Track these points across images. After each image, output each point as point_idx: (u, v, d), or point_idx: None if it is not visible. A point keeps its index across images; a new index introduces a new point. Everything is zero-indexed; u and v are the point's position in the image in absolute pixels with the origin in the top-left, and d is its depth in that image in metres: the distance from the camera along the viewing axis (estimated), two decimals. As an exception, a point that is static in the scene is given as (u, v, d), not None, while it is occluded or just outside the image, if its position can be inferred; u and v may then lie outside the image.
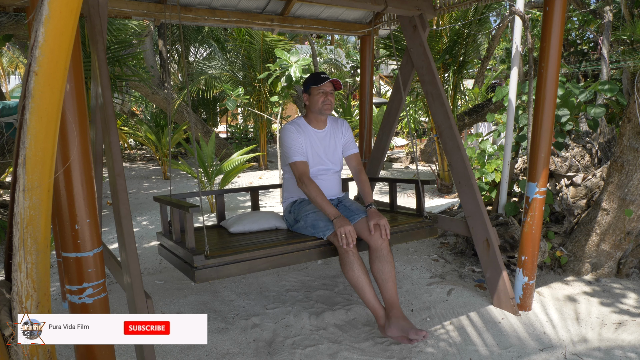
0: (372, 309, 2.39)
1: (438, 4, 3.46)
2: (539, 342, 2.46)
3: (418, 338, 2.27)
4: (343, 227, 2.36)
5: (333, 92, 2.73)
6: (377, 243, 2.44)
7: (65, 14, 1.09)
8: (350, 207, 2.70)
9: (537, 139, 2.64)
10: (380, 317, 2.39)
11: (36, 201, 1.21)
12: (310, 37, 8.46)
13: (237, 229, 2.79)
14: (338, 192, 2.89)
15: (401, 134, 12.28)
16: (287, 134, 2.69)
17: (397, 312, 2.35)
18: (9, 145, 4.05)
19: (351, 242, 2.36)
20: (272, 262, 2.38)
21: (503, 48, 12.24)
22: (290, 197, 2.86)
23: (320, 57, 16.14)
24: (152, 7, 2.94)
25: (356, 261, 2.36)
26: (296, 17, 3.62)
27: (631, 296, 3.00)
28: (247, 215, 2.95)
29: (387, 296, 2.39)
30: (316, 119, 2.80)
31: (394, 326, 2.33)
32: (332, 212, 2.46)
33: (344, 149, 2.92)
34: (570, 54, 9.28)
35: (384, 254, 2.43)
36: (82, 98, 1.59)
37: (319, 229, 2.51)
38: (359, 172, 2.86)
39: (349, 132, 2.93)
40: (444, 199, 5.99)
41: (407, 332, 2.29)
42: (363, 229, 2.50)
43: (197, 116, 10.46)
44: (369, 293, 2.36)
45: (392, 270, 2.42)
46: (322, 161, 2.79)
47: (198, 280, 2.18)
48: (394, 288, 2.40)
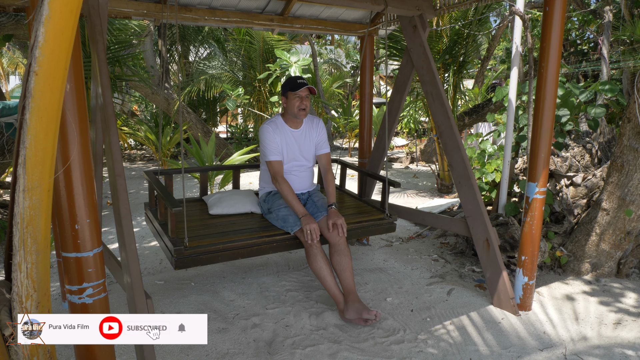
0: (333, 295, 2.70)
1: (438, 4, 3.45)
2: (539, 342, 2.46)
3: (370, 317, 2.59)
4: (309, 224, 2.67)
5: (309, 97, 2.90)
6: (335, 239, 2.76)
7: (65, 14, 1.09)
8: (317, 204, 2.95)
9: (537, 139, 2.64)
10: (339, 302, 2.70)
11: (36, 201, 1.21)
12: (310, 37, 8.46)
13: (216, 211, 3.05)
14: (309, 186, 3.14)
15: (401, 134, 12.28)
16: (264, 134, 2.88)
17: (354, 297, 2.68)
18: (9, 145, 4.05)
19: (315, 238, 2.66)
20: (244, 253, 2.64)
21: (503, 48, 12.24)
22: (266, 187, 3.10)
23: (320, 57, 16.14)
24: (152, 7, 2.94)
25: (319, 254, 2.69)
26: (296, 17, 3.62)
27: (631, 296, 3.00)
28: (227, 196, 3.18)
29: (345, 284, 2.72)
30: (292, 120, 2.96)
31: (351, 309, 2.64)
32: (300, 211, 2.75)
33: (316, 147, 3.09)
34: (570, 54, 9.28)
35: (341, 248, 2.75)
36: (82, 98, 1.59)
37: (288, 223, 2.77)
38: (327, 171, 3.08)
39: (323, 131, 3.09)
40: (444, 199, 5.98)
41: (360, 313, 2.61)
42: (324, 226, 2.80)
43: (197, 116, 10.46)
44: (330, 281, 2.69)
45: (349, 262, 2.75)
46: (296, 157, 2.99)
47: (177, 267, 2.42)
48: (351, 277, 2.73)
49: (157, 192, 2.82)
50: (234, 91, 5.22)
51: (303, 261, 3.70)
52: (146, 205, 3.21)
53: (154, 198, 3.15)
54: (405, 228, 4.66)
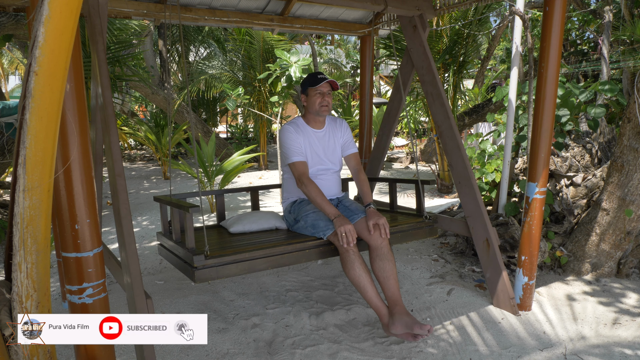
0: (375, 307, 2.37)
1: (438, 4, 3.46)
2: (538, 342, 2.46)
3: (423, 333, 2.22)
4: (343, 226, 2.36)
5: (330, 93, 2.72)
6: (377, 242, 2.44)
7: (65, 14, 1.09)
8: (350, 207, 2.71)
9: (537, 139, 2.64)
10: (383, 315, 2.36)
11: (36, 201, 1.21)
12: (310, 37, 8.46)
13: (237, 229, 2.79)
14: (338, 192, 2.89)
15: (401, 134, 12.27)
16: (285, 135, 2.70)
17: (401, 309, 2.33)
18: (9, 145, 4.05)
19: (351, 241, 2.36)
20: (271, 262, 2.37)
21: (503, 48, 12.24)
22: (290, 197, 2.86)
23: (320, 57, 16.14)
24: (152, 7, 2.94)
25: (357, 260, 2.36)
26: (296, 17, 3.62)
27: (631, 296, 3.00)
28: (247, 215, 2.95)
29: (389, 294, 2.38)
30: (314, 119, 2.79)
31: (398, 323, 2.29)
32: (332, 212, 2.47)
33: (343, 149, 2.91)
34: (570, 54, 9.28)
35: (384, 252, 2.43)
36: (82, 98, 1.59)
37: (319, 228, 2.51)
38: (358, 171, 2.86)
39: (348, 131, 2.93)
40: (444, 199, 5.99)
41: (411, 328, 2.25)
42: (363, 228, 2.50)
43: (197, 116, 10.46)
44: (371, 291, 2.35)
45: (393, 268, 2.41)
46: (321, 161, 2.79)
47: (198, 280, 2.18)
48: (396, 285, 2.39)
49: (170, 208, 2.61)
50: (234, 91, 5.21)
51: (303, 261, 3.69)
52: (159, 235, 2.86)
53: (167, 223, 2.82)
54: (405, 228, 4.65)
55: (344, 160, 2.96)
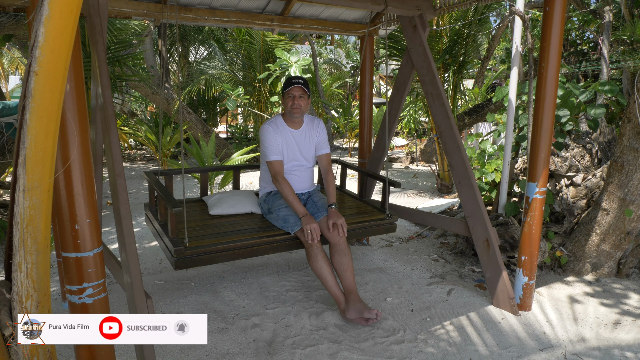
0: (334, 295, 2.69)
1: (438, 4, 3.45)
2: (538, 342, 2.46)
3: (371, 317, 2.58)
4: (309, 224, 2.66)
5: (303, 96, 2.87)
6: (335, 239, 2.76)
7: (65, 14, 1.09)
8: (317, 204, 2.96)
9: (537, 139, 2.64)
10: (340, 302, 2.69)
11: (36, 201, 1.21)
12: (310, 37, 8.46)
13: (217, 212, 3.04)
14: (309, 186, 3.14)
15: (401, 134, 12.27)
16: (264, 134, 2.89)
17: (354, 297, 2.67)
18: (9, 145, 4.05)
19: (315, 238, 2.65)
20: (245, 253, 2.64)
21: (503, 48, 12.24)
22: (266, 187, 3.10)
23: (320, 57, 16.14)
24: (152, 7, 2.94)
25: (320, 254, 2.68)
26: (296, 17, 3.62)
27: (631, 296, 3.00)
28: (227, 197, 3.17)
29: (346, 284, 2.72)
30: (291, 120, 2.96)
31: (352, 309, 2.63)
32: (300, 211, 2.75)
33: (316, 148, 3.08)
34: (570, 54, 9.28)
35: (342, 248, 2.75)
36: (82, 98, 1.59)
37: (288, 223, 2.77)
38: (327, 172, 3.08)
39: (323, 132, 3.09)
40: (444, 199, 5.98)
41: (362, 313, 2.59)
42: (324, 226, 2.80)
43: (197, 116, 10.46)
44: (331, 281, 2.68)
45: (349, 261, 2.74)
46: (296, 157, 2.99)
47: (177, 268, 2.42)
48: (352, 277, 2.73)
49: (157, 193, 2.82)
50: (234, 91, 5.22)
51: (303, 261, 3.70)
52: (146, 206, 3.22)
53: (154, 198, 3.16)
54: (405, 228, 4.65)
55: (317, 159, 3.13)
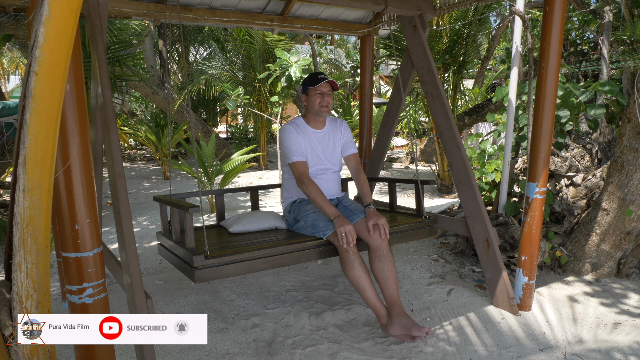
0: (374, 307, 2.37)
1: (438, 4, 3.45)
2: (538, 343, 2.46)
3: (421, 335, 2.23)
4: (343, 226, 2.37)
5: (331, 93, 2.73)
6: (376, 242, 2.44)
7: (65, 14, 1.09)
8: (350, 207, 2.71)
9: (537, 139, 2.64)
10: (382, 316, 2.37)
11: (36, 201, 1.21)
12: (310, 37, 8.46)
13: (237, 229, 2.79)
14: (337, 192, 2.89)
15: (401, 134, 12.27)
16: (286, 135, 2.70)
17: (399, 310, 2.33)
18: (9, 145, 4.05)
19: (351, 242, 2.36)
20: (271, 262, 2.37)
21: (503, 48, 12.24)
22: (289, 197, 2.87)
23: (320, 57, 16.13)
24: (152, 7, 2.94)
25: (357, 260, 2.36)
26: (296, 17, 3.62)
27: (631, 296, 3.00)
28: (247, 215, 2.95)
29: (388, 295, 2.38)
30: (314, 120, 2.80)
31: (396, 324, 2.29)
32: (332, 212, 2.47)
33: (342, 149, 2.92)
34: (570, 54, 9.28)
35: (383, 253, 2.43)
36: (82, 98, 1.59)
37: (319, 228, 2.51)
38: (358, 172, 2.87)
39: (348, 132, 2.94)
40: (444, 199, 5.99)
41: (409, 330, 2.25)
42: (362, 228, 2.50)
43: (197, 116, 10.47)
44: (370, 292, 2.36)
45: (392, 269, 2.42)
46: (321, 161, 2.80)
47: (198, 280, 2.18)
48: (395, 286, 2.39)
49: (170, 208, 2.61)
50: (233, 91, 5.21)
51: (303, 261, 3.69)
52: (159, 235, 2.88)
53: (167, 223, 2.84)
54: (405, 228, 4.65)
55: (344, 161, 2.97)
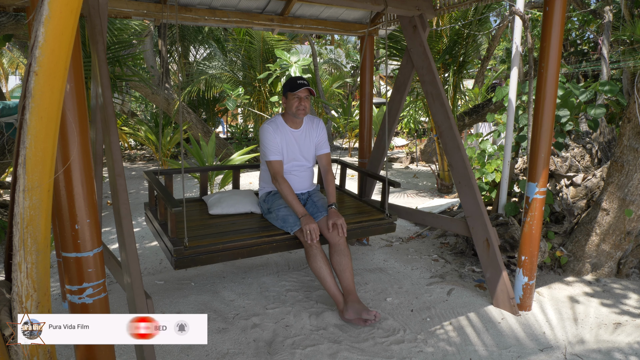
0: (333, 295, 2.70)
1: (438, 4, 3.45)
2: (538, 343, 2.46)
3: (370, 317, 2.58)
4: (308, 224, 2.67)
5: (309, 98, 2.90)
6: (335, 239, 2.76)
7: (65, 14, 1.09)
8: (317, 204, 2.95)
9: (537, 139, 2.64)
10: (339, 302, 2.69)
11: (36, 201, 1.21)
12: (310, 37, 8.46)
13: (216, 211, 3.05)
14: (309, 186, 3.14)
15: (401, 134, 12.27)
16: (264, 134, 2.89)
17: (353, 297, 2.68)
18: (9, 145, 4.05)
19: (315, 238, 2.66)
20: (243, 253, 2.64)
21: (503, 48, 12.25)
22: (265, 187, 3.10)
23: (320, 57, 16.14)
24: (152, 7, 2.94)
25: (319, 254, 2.69)
26: (296, 17, 3.62)
27: (631, 296, 3.00)
28: (227, 196, 3.18)
29: (345, 284, 2.72)
30: (292, 120, 2.97)
31: (351, 309, 2.63)
32: (300, 211, 2.75)
33: (316, 148, 3.09)
34: (570, 54, 9.28)
35: (341, 248, 2.75)
36: (82, 98, 1.59)
37: (288, 223, 2.77)
38: (327, 172, 3.08)
39: (323, 131, 3.10)
40: (444, 199, 5.98)
41: (360, 314, 2.60)
42: (324, 226, 2.80)
43: (197, 116, 10.46)
44: (330, 281, 2.69)
45: (349, 262, 2.75)
46: (296, 157, 2.99)
47: (177, 267, 2.43)
48: (351, 277, 2.73)
49: (157, 192, 2.83)
50: (234, 91, 5.21)
51: (303, 261, 3.70)
52: (146, 205, 3.22)
53: (154, 198, 3.16)
54: (405, 228, 4.65)
55: (316, 159, 3.14)
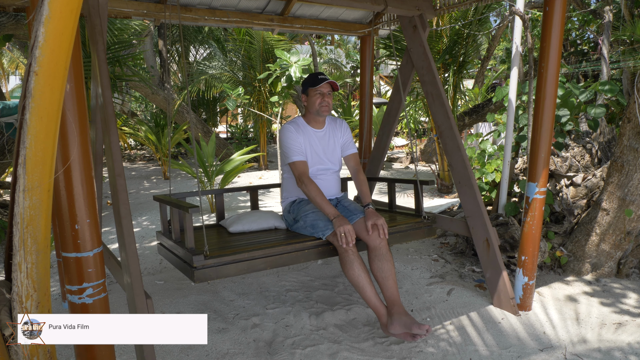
0: (374, 307, 2.37)
1: (438, 4, 3.45)
2: (538, 343, 2.46)
3: (422, 333, 2.22)
4: (342, 226, 2.36)
5: (331, 93, 2.73)
6: (375, 242, 2.45)
7: (65, 14, 1.09)
8: (349, 207, 2.71)
9: (537, 139, 2.64)
10: (382, 315, 2.36)
11: (36, 201, 1.21)
12: (310, 37, 8.46)
13: (236, 229, 2.79)
14: (337, 192, 2.89)
15: (401, 134, 12.27)
16: (286, 134, 2.70)
17: (399, 309, 2.33)
18: (9, 145, 4.05)
19: (350, 242, 2.36)
20: (271, 262, 2.37)
21: (503, 48, 12.25)
22: (289, 196, 2.87)
23: (320, 57, 16.14)
24: (152, 7, 2.94)
25: (356, 260, 2.36)
26: (296, 17, 3.62)
27: (631, 296, 3.00)
28: (247, 214, 2.95)
29: (388, 294, 2.39)
30: (314, 119, 2.80)
31: (397, 323, 2.29)
32: (331, 212, 2.46)
33: (342, 149, 2.92)
34: (570, 54, 9.29)
35: (382, 252, 2.43)
36: (82, 98, 1.59)
37: (318, 228, 2.51)
38: (357, 172, 2.87)
39: (347, 132, 2.94)
40: (444, 199, 5.98)
41: (410, 328, 2.24)
42: (361, 228, 2.51)
43: (197, 116, 10.47)
44: (369, 291, 2.35)
45: (391, 268, 2.42)
46: (321, 161, 2.80)
47: (197, 280, 2.18)
48: (395, 285, 2.40)
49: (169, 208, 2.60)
50: (234, 91, 5.21)
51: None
52: (158, 235, 2.88)
53: (166, 223, 2.83)
54: (405, 228, 4.65)
55: (344, 161, 2.97)
